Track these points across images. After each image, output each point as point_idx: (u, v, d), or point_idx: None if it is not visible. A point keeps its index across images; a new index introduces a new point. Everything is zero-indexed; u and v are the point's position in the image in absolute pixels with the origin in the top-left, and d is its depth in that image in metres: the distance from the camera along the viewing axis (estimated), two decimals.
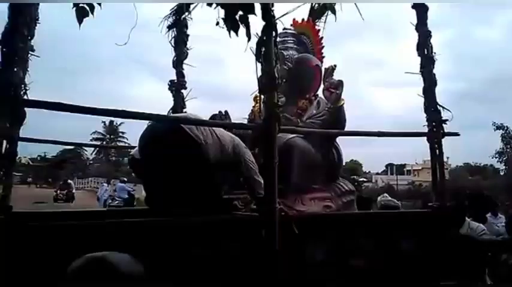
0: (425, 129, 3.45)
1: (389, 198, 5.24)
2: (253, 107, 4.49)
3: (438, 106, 3.41)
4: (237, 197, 3.63)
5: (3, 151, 2.34)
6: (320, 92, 4.17)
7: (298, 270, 2.83)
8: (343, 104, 3.92)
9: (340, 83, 3.89)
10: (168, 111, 4.56)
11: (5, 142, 2.33)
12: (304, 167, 3.74)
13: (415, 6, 3.47)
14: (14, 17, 2.31)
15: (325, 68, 4.08)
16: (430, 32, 3.48)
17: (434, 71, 3.46)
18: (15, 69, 2.29)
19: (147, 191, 3.50)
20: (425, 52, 3.46)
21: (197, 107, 4.93)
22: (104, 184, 19.86)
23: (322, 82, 4.05)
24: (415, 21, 3.53)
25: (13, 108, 2.38)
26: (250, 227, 2.76)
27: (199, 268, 2.50)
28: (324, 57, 4.55)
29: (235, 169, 3.36)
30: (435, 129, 3.38)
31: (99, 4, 2.47)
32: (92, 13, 2.49)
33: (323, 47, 4.54)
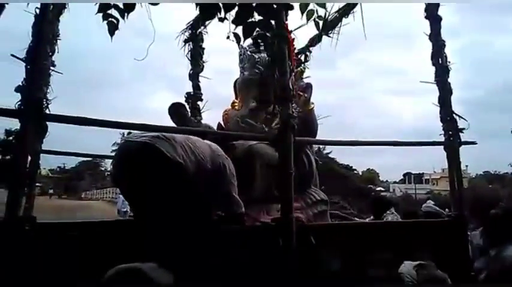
0: (442, 138, 3.43)
1: (432, 205, 5.11)
2: (225, 112, 4.45)
3: (454, 115, 3.39)
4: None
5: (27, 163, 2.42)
6: None
7: (314, 279, 2.82)
8: (313, 108, 3.86)
9: (308, 86, 3.83)
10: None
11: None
12: (269, 175, 3.53)
13: (428, 17, 3.48)
14: (37, 35, 2.40)
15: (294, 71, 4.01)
16: (444, 41, 3.47)
17: (451, 79, 3.45)
18: (38, 85, 2.38)
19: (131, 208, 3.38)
20: (440, 61, 3.46)
21: (212, 118, 4.99)
22: (121, 195, 19.46)
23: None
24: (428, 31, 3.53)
25: (36, 123, 2.47)
26: (267, 237, 2.77)
27: (217, 276, 2.53)
28: (298, 59, 4.47)
29: (215, 184, 3.07)
30: (451, 139, 3.37)
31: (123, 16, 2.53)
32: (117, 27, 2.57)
33: (295, 48, 4.50)
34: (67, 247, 2.34)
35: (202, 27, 4.65)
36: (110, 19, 2.45)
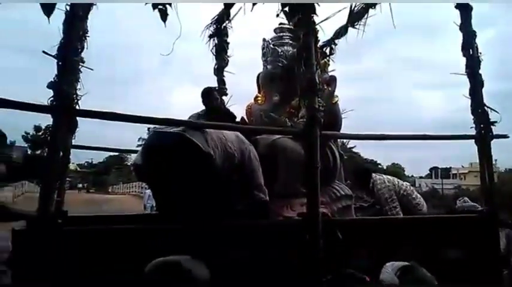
0: (473, 132, 3.34)
1: (467, 201, 4.98)
2: (248, 106, 4.42)
3: (486, 108, 3.29)
4: None
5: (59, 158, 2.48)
6: None
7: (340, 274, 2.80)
8: (337, 101, 3.80)
9: (333, 79, 3.76)
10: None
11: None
12: (293, 169, 3.49)
13: (458, 6, 3.38)
14: (68, 32, 2.45)
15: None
16: (475, 32, 3.38)
17: (481, 71, 3.36)
18: (69, 81, 2.43)
19: (156, 200, 3.39)
20: (471, 52, 3.36)
21: (237, 113, 5.00)
22: (147, 190, 19.34)
23: None
24: (458, 21, 3.44)
25: (68, 118, 2.53)
26: (294, 231, 2.76)
27: (246, 270, 2.54)
28: (323, 52, 4.40)
29: (242, 172, 3.12)
30: (483, 132, 3.27)
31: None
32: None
33: (319, 41, 4.42)
34: (98, 240, 2.40)
35: (227, 22, 4.65)
36: (160, 7, 2.53)
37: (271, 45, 4.32)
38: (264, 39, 4.44)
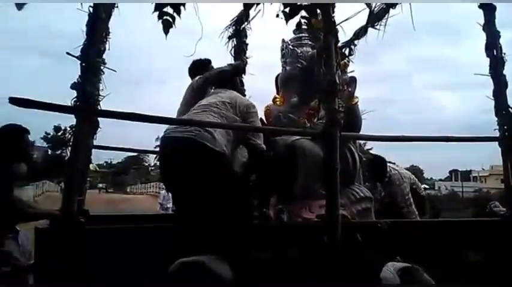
0: (496, 134, 3.27)
1: (498, 205, 4.87)
2: (267, 107, 4.39)
3: (510, 109, 3.22)
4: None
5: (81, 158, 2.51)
6: None
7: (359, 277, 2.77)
8: (357, 102, 3.76)
9: (353, 80, 3.72)
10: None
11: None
12: (311, 171, 3.45)
13: (482, 5, 3.32)
14: (91, 33, 2.49)
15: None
16: (499, 32, 3.31)
17: (506, 71, 3.29)
18: (92, 82, 2.46)
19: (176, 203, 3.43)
20: (495, 53, 3.29)
21: None
22: (162, 191, 18.73)
23: None
24: (481, 21, 3.37)
25: (90, 118, 2.57)
26: (313, 233, 2.75)
27: (265, 271, 2.54)
28: (342, 53, 4.26)
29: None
30: (507, 134, 3.20)
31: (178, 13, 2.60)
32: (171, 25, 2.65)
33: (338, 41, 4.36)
34: (119, 239, 2.43)
35: (246, 23, 4.66)
36: (165, 17, 2.51)
37: (290, 46, 4.31)
38: (283, 40, 4.44)
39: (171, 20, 2.56)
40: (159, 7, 2.48)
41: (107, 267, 2.27)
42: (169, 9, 2.57)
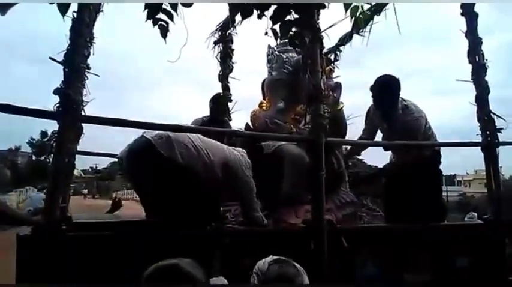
0: (479, 139, 3.32)
1: (474, 216, 4.87)
2: (253, 113, 4.41)
3: (492, 114, 3.28)
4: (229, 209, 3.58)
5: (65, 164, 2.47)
6: None
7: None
8: (342, 108, 3.79)
9: (337, 86, 3.75)
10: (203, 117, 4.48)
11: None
12: (297, 176, 3.47)
13: (464, 13, 3.38)
14: (75, 38, 2.46)
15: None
16: (481, 39, 3.37)
17: (488, 78, 3.34)
18: (76, 87, 2.42)
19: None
20: (477, 59, 3.35)
21: (241, 119, 5.00)
22: None
23: None
24: (463, 28, 3.43)
25: (73, 124, 2.52)
26: (298, 239, 2.74)
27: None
28: (327, 58, 4.40)
29: (225, 182, 3.02)
30: (489, 139, 3.25)
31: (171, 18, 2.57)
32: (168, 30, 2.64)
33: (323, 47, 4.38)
34: (100, 245, 2.40)
35: (232, 29, 4.67)
36: (160, 23, 2.49)
37: (276, 52, 4.33)
38: (269, 46, 4.45)
39: (165, 24, 2.54)
40: (153, 13, 2.47)
41: (88, 274, 2.24)
42: (162, 16, 2.55)
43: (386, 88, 3.49)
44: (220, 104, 3.89)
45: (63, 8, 2.28)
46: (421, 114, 3.55)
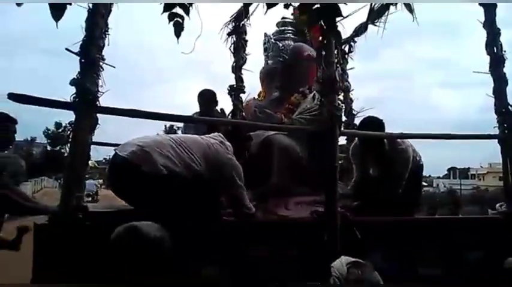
0: (496, 132, 3.27)
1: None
2: (246, 102, 4.35)
3: (510, 107, 3.22)
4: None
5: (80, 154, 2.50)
6: None
7: None
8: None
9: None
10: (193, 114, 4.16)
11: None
12: (287, 167, 3.38)
13: (482, 4, 3.31)
14: (91, 30, 2.47)
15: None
16: (499, 29, 3.30)
17: (506, 69, 3.28)
18: (92, 79, 2.44)
19: None
20: (495, 51, 3.28)
21: None
22: None
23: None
24: (482, 19, 3.36)
25: (89, 115, 2.55)
26: (312, 231, 2.74)
27: (259, 268, 2.54)
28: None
29: (214, 185, 2.81)
30: (507, 132, 3.20)
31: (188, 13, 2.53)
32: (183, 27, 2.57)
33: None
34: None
35: (245, 20, 4.63)
36: (176, 19, 2.42)
37: (273, 40, 4.27)
38: (265, 34, 4.39)
39: (180, 21, 2.49)
40: (169, 7, 2.42)
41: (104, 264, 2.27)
42: (178, 10, 2.50)
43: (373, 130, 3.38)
44: (206, 99, 3.84)
45: (58, 13, 2.04)
46: (407, 144, 3.50)
